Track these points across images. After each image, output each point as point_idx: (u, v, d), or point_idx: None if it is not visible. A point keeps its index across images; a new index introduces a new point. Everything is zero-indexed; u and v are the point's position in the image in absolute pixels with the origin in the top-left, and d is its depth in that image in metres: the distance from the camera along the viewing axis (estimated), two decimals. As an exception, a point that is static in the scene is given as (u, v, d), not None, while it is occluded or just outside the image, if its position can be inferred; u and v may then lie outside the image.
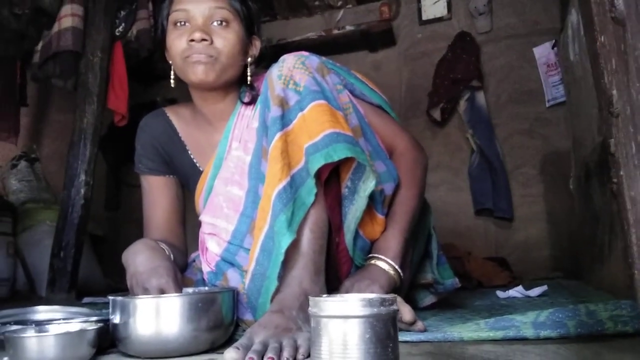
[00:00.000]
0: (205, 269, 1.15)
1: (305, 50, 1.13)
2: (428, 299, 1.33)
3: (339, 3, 3.25)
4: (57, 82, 2.36)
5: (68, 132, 2.22)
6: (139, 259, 0.98)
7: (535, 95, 2.93)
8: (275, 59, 1.11)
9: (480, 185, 2.90)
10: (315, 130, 0.98)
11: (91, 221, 2.46)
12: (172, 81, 1.18)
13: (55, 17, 2.10)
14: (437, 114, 3.06)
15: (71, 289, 2.08)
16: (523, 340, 0.83)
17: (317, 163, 0.94)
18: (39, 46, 2.23)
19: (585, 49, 1.90)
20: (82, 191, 2.02)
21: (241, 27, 1.15)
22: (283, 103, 1.02)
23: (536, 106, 2.92)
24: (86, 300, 2.02)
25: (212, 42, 1.10)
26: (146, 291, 0.94)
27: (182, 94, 1.28)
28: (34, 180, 2.79)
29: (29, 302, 2.11)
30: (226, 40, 1.11)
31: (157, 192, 1.26)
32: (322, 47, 3.01)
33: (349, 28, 3.09)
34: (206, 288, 1.08)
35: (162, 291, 0.93)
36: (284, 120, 1.01)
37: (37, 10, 2.10)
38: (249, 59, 1.19)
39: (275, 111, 1.01)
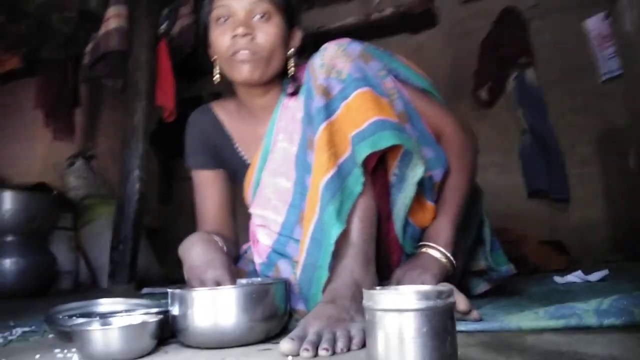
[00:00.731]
0: (257, 260, 1.17)
1: (346, 36, 1.12)
2: (482, 286, 1.30)
3: (378, -14, 3.19)
4: (107, 82, 2.44)
5: (120, 129, 2.29)
6: (194, 252, 1.01)
7: (589, 69, 2.78)
8: (316, 48, 1.10)
9: (534, 166, 2.80)
10: (360, 118, 0.97)
11: (146, 214, 2.56)
12: (216, 77, 1.19)
13: (102, 18, 2.17)
14: (484, 95, 2.97)
15: (131, 280, 2.17)
16: (585, 329, 0.80)
17: (364, 152, 0.94)
18: (88, 48, 2.31)
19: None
20: (137, 186, 2.09)
21: (282, 20, 1.14)
22: (326, 92, 1.01)
23: (590, 81, 2.78)
24: (145, 291, 2.10)
25: (254, 37, 1.10)
26: (202, 283, 0.96)
27: (227, 88, 1.29)
28: (90, 177, 2.93)
29: (91, 293, 2.22)
30: (268, 34, 1.11)
31: (207, 186, 1.29)
32: (362, 32, 2.97)
33: (388, 11, 3.03)
34: (259, 279, 1.10)
35: (217, 283, 0.96)
36: (328, 110, 1.00)
37: (84, 13, 2.18)
38: (291, 50, 1.19)
39: (319, 101, 1.01)
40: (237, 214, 1.35)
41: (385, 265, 1.09)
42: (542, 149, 2.79)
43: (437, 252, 1.04)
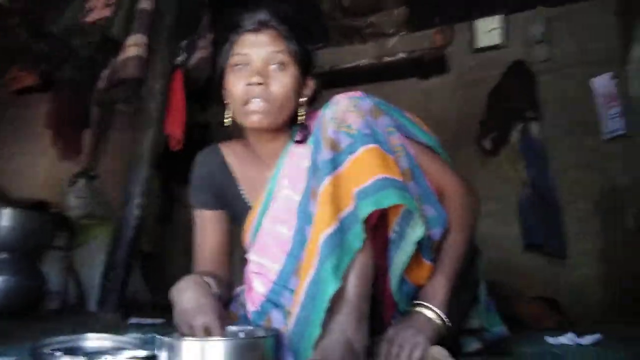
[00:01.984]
0: (250, 307, 1.16)
1: (357, 76, 1.13)
2: (474, 345, 1.29)
3: (392, 30, 3.24)
4: (120, 107, 2.48)
5: (125, 151, 2.31)
6: (186, 296, 1.01)
7: (591, 127, 2.82)
8: (328, 85, 1.12)
9: (532, 219, 2.80)
10: (366, 174, 0.98)
11: (141, 238, 2.55)
12: (227, 120, 1.21)
13: (122, 45, 2.21)
14: (487, 144, 3.00)
15: (119, 307, 2.15)
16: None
17: (367, 209, 0.94)
18: (105, 73, 2.36)
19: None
20: (136, 213, 2.10)
21: (297, 70, 1.16)
22: (334, 146, 1.03)
23: (594, 138, 2.81)
24: (133, 321, 2.07)
25: (268, 86, 1.12)
26: (191, 329, 0.95)
27: (236, 127, 1.30)
28: (90, 197, 2.93)
29: (78, 317, 2.19)
30: (282, 83, 1.13)
31: (208, 226, 1.29)
32: (374, 73, 3.01)
33: (401, 55, 3.08)
34: (250, 327, 1.09)
35: (207, 329, 0.95)
36: (335, 163, 1.01)
37: (105, 38, 2.23)
38: (303, 99, 1.20)
39: (326, 154, 1.02)
40: (234, 255, 1.35)
41: (378, 321, 1.08)
42: (541, 203, 2.80)
43: (431, 312, 1.03)
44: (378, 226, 1.03)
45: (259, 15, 1.17)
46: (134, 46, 2.13)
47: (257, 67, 1.13)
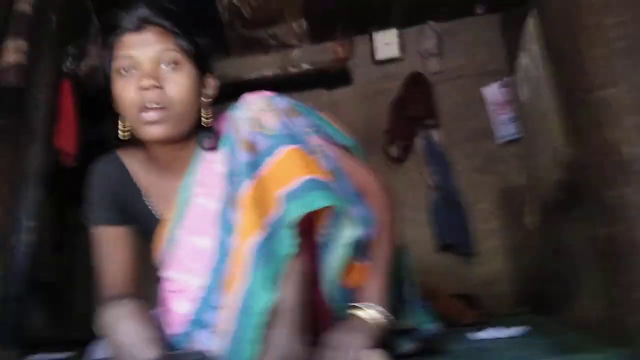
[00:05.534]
0: (169, 330, 1.03)
1: (263, 88, 1.09)
2: (407, 345, 1.28)
3: (294, 42, 3.26)
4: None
5: (12, 171, 2.04)
6: (124, 327, 0.91)
7: (487, 133, 3.02)
8: (232, 97, 1.05)
9: (441, 221, 2.92)
10: (290, 176, 0.93)
11: (38, 268, 2.26)
12: (125, 134, 1.07)
13: (-1, 50, 1.97)
14: (393, 151, 3.09)
15: (16, 343, 1.86)
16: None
17: (296, 212, 0.89)
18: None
19: (536, 90, 1.97)
20: (26, 238, 1.84)
21: (193, 67, 1.03)
22: (251, 148, 0.97)
23: (488, 143, 3.01)
24: (35, 358, 1.83)
25: (163, 89, 0.98)
26: None
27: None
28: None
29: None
30: (178, 85, 1.00)
31: (112, 245, 1.12)
32: (279, 84, 2.98)
33: (305, 66, 3.09)
34: (177, 351, 0.98)
35: None
36: (254, 167, 0.95)
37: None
38: (204, 100, 1.08)
39: (243, 157, 0.96)
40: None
41: (315, 330, 1.02)
42: (448, 205, 2.92)
43: (366, 313, 1.02)
44: (305, 231, 0.97)
45: (139, 12, 1.01)
46: (12, 52, 1.89)
47: (147, 69, 0.98)
